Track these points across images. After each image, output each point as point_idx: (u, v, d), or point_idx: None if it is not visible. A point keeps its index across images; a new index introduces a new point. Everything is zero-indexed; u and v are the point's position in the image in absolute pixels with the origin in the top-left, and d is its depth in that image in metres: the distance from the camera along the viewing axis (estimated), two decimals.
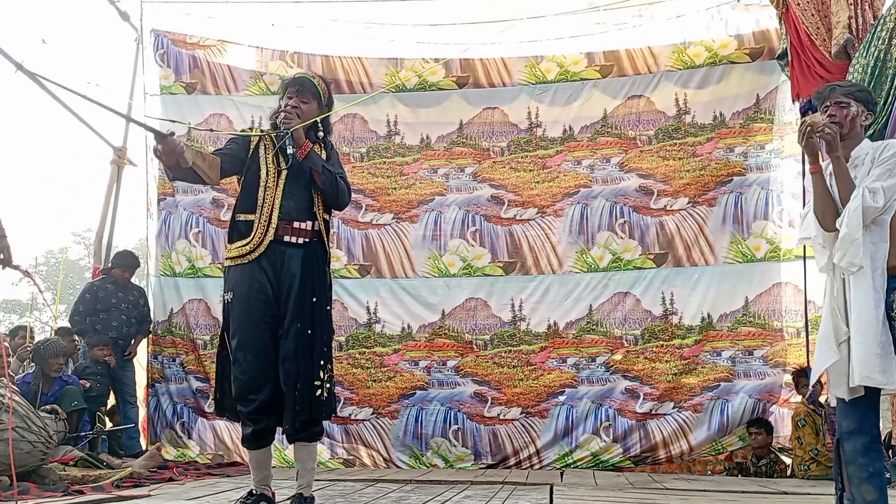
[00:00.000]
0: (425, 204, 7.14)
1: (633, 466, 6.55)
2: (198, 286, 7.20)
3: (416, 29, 7.18)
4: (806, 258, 6.27)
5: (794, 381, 6.38)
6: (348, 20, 7.23)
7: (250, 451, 3.42)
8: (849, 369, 2.75)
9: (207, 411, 6.88)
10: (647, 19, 7.21)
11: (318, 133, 3.52)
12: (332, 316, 3.54)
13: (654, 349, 6.72)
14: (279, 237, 3.37)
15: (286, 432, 3.38)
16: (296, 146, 3.37)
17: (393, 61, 7.38)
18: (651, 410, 6.62)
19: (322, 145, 3.56)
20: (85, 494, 4.28)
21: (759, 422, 6.36)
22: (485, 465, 6.68)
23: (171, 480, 5.15)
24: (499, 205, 7.07)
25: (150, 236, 7.45)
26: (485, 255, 7.04)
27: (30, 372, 5.98)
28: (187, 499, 4.03)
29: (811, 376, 2.89)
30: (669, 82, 7.01)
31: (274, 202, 3.38)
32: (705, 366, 6.66)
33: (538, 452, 6.67)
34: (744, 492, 4.96)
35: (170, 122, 4.90)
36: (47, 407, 5.46)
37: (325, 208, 3.51)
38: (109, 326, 6.62)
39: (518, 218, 7.04)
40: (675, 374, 6.66)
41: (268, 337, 3.34)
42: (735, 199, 6.80)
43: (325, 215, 3.51)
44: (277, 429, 3.43)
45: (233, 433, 6.78)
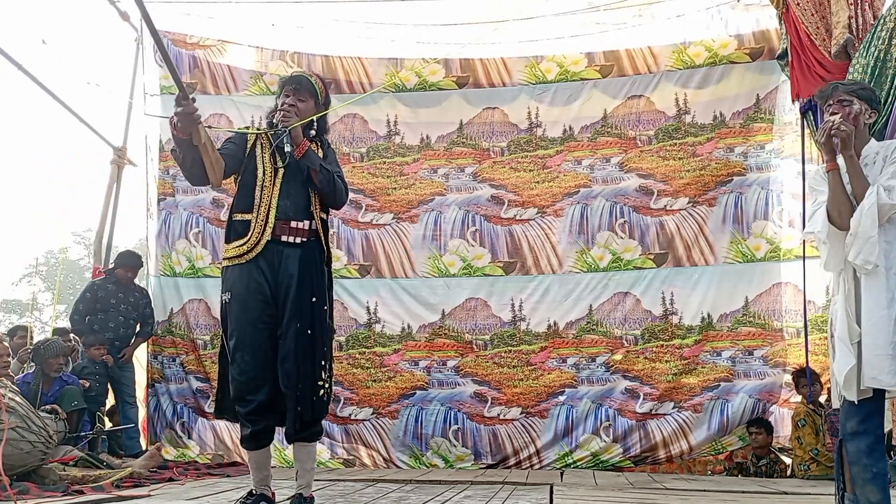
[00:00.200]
0: (425, 204, 7.14)
1: (633, 466, 6.55)
2: (198, 286, 7.20)
3: (416, 29, 7.18)
4: (806, 258, 6.23)
5: (794, 381, 6.37)
6: (348, 20, 7.22)
7: (249, 452, 3.40)
8: (859, 370, 2.73)
9: (207, 411, 6.88)
10: (647, 19, 7.20)
11: (311, 131, 3.47)
12: (332, 315, 3.53)
13: (654, 349, 6.72)
14: (276, 237, 3.34)
15: (286, 432, 3.36)
16: (293, 144, 3.35)
17: (393, 61, 7.38)
18: (651, 410, 6.62)
19: (318, 144, 3.54)
20: (85, 494, 4.27)
21: (759, 422, 6.36)
22: (485, 465, 6.68)
23: (171, 480, 5.15)
24: (499, 205, 7.07)
25: (150, 236, 7.45)
26: (485, 255, 7.04)
27: (30, 372, 5.98)
28: (187, 499, 4.03)
29: (835, 379, 2.84)
30: (669, 82, 7.01)
31: (271, 202, 3.36)
32: (705, 366, 6.66)
33: (538, 452, 6.67)
34: (744, 492, 4.95)
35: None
36: (47, 407, 5.47)
37: (322, 207, 3.49)
38: (106, 327, 6.62)
39: (518, 218, 7.04)
40: (675, 374, 6.66)
41: (266, 337, 3.32)
42: (735, 199, 6.80)
43: (323, 214, 3.49)
44: (277, 429, 3.42)
45: (233, 433, 6.77)
